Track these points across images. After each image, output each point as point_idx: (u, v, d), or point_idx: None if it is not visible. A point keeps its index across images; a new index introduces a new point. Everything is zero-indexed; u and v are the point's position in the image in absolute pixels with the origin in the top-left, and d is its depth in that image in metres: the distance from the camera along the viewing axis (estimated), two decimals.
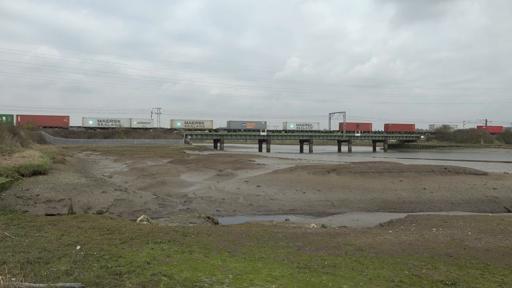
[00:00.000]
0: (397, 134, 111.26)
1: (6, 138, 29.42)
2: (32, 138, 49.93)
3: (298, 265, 6.26)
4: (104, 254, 6.49)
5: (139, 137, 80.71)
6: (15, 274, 5.04)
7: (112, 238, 7.94)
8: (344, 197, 17.71)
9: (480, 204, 17.28)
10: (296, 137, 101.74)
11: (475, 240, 8.57)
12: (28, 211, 13.35)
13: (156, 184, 20.76)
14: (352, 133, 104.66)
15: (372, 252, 7.37)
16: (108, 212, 14.15)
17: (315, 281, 5.46)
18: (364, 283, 5.45)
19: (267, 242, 8.04)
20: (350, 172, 22.01)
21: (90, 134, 79.60)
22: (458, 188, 19.15)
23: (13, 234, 8.10)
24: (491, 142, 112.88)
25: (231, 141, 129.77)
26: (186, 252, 6.86)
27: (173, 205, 15.87)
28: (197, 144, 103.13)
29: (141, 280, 5.16)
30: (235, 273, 5.68)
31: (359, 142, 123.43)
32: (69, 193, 15.76)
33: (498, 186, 19.49)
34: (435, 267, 6.37)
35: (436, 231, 9.69)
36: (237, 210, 15.85)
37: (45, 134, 71.44)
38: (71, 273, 5.30)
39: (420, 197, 17.88)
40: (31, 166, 19.49)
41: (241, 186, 19.93)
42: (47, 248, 6.81)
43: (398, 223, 11.65)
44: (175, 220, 12.22)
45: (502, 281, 5.73)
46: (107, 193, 16.18)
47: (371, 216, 14.74)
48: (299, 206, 16.57)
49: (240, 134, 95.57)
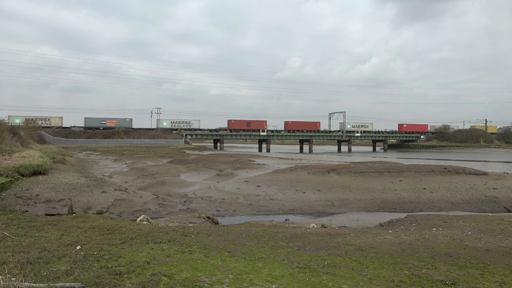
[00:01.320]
0: (397, 134, 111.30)
1: (6, 138, 29.41)
2: (32, 138, 49.90)
3: (298, 265, 6.26)
4: (104, 254, 6.49)
5: (139, 137, 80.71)
6: (15, 274, 5.04)
7: (112, 238, 7.94)
8: (344, 197, 17.70)
9: (480, 204, 17.28)
10: (296, 137, 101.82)
11: (475, 240, 8.57)
12: (28, 211, 13.34)
13: (156, 184, 20.75)
14: (352, 133, 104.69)
15: (372, 252, 7.36)
16: (108, 212, 14.14)
17: (315, 281, 5.46)
18: (364, 283, 5.45)
19: (267, 242, 8.03)
20: (350, 172, 22.01)
21: (90, 134, 79.59)
22: (458, 188, 19.15)
23: (13, 234, 8.10)
24: (491, 142, 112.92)
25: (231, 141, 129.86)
26: (186, 252, 6.86)
27: (173, 205, 15.87)
28: (197, 144, 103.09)
29: (141, 280, 5.16)
30: (235, 273, 5.68)
31: (359, 142, 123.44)
32: (69, 193, 15.76)
33: (498, 186, 19.49)
34: (435, 267, 6.37)
35: (436, 231, 9.69)
36: (237, 210, 15.85)
37: (45, 134, 71.45)
38: (71, 273, 5.30)
39: (420, 197, 17.88)
40: (31, 166, 19.48)
41: (241, 186, 19.93)
42: (47, 248, 6.81)
43: (398, 223, 11.65)
44: (175, 220, 12.22)
45: (502, 281, 5.73)
46: (107, 193, 16.17)
47: (371, 216, 14.74)
48: (299, 206, 16.57)
49: (240, 134, 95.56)
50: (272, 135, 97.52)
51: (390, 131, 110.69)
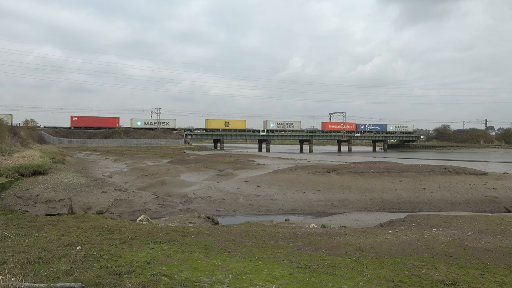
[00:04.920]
0: (397, 134, 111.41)
1: (6, 138, 29.42)
2: (32, 138, 49.89)
3: (298, 265, 6.26)
4: (104, 254, 6.48)
5: (139, 137, 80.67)
6: (15, 274, 5.04)
7: (112, 238, 7.94)
8: (344, 197, 17.70)
9: (480, 204, 17.28)
10: (296, 137, 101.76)
11: (475, 240, 8.57)
12: (28, 211, 13.34)
13: (156, 184, 20.75)
14: (352, 133, 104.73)
15: (372, 252, 7.36)
16: (108, 212, 14.14)
17: (315, 281, 5.46)
18: (364, 283, 5.45)
19: (267, 242, 8.03)
20: (350, 172, 22.01)
21: (90, 134, 79.57)
22: (458, 188, 19.15)
23: (13, 234, 8.10)
24: (491, 142, 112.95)
25: (231, 141, 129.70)
26: (186, 252, 6.86)
27: (173, 205, 15.87)
28: (197, 144, 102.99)
29: (141, 280, 5.16)
30: (235, 273, 5.68)
31: (359, 142, 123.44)
32: (69, 193, 15.75)
33: (498, 186, 19.49)
34: (435, 267, 6.37)
35: (436, 231, 9.69)
36: (237, 210, 15.85)
37: (45, 134, 71.40)
38: (71, 273, 5.29)
39: (420, 197, 17.88)
40: (31, 166, 19.48)
41: (241, 186, 19.93)
42: (47, 248, 6.81)
43: (398, 223, 11.65)
44: (175, 220, 12.22)
45: (502, 281, 5.73)
46: (107, 193, 16.17)
47: (371, 216, 14.74)
48: (299, 206, 16.56)
49: (240, 134, 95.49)
50: (272, 135, 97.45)
51: (390, 131, 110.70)
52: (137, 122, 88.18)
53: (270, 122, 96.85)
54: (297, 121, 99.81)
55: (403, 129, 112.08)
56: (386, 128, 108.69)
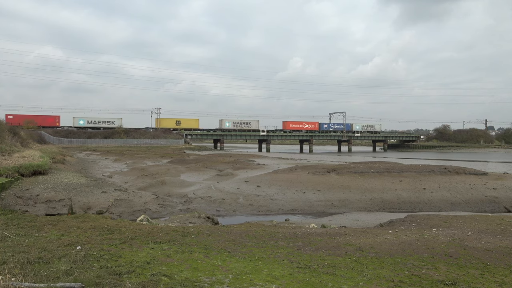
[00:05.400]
0: (397, 134, 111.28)
1: (6, 138, 29.41)
2: (32, 138, 49.88)
3: (298, 265, 6.26)
4: (104, 254, 6.48)
5: (139, 137, 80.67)
6: (15, 274, 5.04)
7: (112, 238, 7.94)
8: (344, 197, 17.70)
9: (480, 204, 17.28)
10: (296, 137, 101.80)
11: (475, 240, 8.57)
12: (28, 211, 13.34)
13: (156, 184, 20.75)
14: (352, 133, 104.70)
15: (372, 252, 7.36)
16: (108, 212, 14.14)
17: (315, 281, 5.46)
18: (364, 283, 5.45)
19: (267, 242, 8.03)
20: (350, 172, 22.01)
21: (90, 134, 79.57)
22: (458, 188, 19.15)
23: (13, 234, 8.10)
24: (491, 142, 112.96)
25: (231, 141, 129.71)
26: (186, 252, 6.86)
27: (173, 205, 15.87)
28: (197, 144, 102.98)
29: (141, 280, 5.16)
30: (235, 273, 5.68)
31: (359, 142, 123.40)
32: (69, 193, 15.75)
33: (498, 186, 19.49)
34: (435, 267, 6.37)
35: (436, 231, 9.69)
36: (237, 210, 15.85)
37: (45, 134, 71.38)
38: (71, 273, 5.29)
39: (420, 197, 17.88)
40: (31, 166, 19.48)
41: (241, 186, 19.93)
42: (47, 248, 6.81)
43: (398, 223, 11.65)
44: (175, 220, 12.22)
45: (502, 281, 5.73)
46: (107, 193, 16.17)
47: (371, 216, 14.74)
48: (299, 206, 16.56)
49: (240, 134, 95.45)
50: (272, 135, 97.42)
51: (390, 131, 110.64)
52: (80, 121, 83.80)
53: (226, 121, 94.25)
54: (255, 120, 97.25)
55: (370, 128, 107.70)
56: (352, 127, 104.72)
